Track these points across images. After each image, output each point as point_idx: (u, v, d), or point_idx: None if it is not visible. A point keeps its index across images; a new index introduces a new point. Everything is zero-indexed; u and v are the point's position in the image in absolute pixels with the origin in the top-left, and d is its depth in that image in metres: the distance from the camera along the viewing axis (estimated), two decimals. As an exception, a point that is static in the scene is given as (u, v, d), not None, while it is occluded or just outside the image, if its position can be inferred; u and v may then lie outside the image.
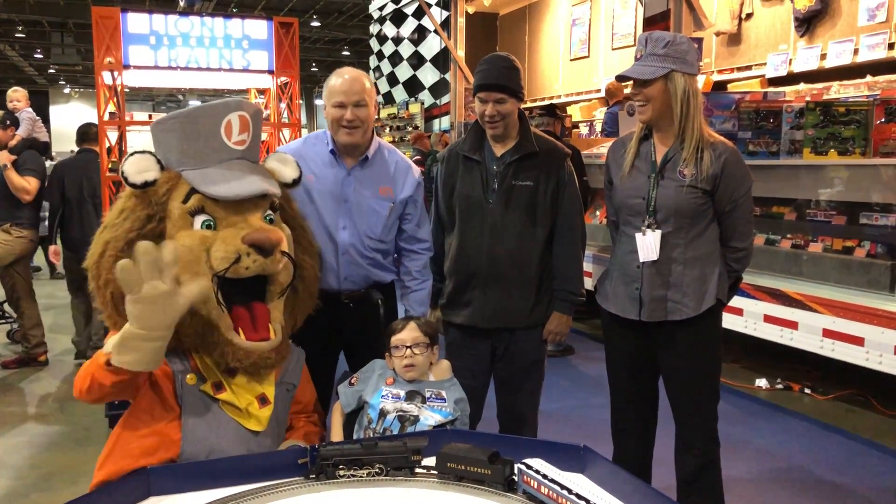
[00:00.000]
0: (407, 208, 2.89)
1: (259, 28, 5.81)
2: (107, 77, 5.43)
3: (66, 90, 34.67)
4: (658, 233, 2.60)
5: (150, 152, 2.06)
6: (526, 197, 2.83)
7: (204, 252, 1.96)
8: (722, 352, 2.75)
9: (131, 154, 2.03)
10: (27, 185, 5.46)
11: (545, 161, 2.85)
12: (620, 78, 2.62)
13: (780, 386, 5.10)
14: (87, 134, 5.89)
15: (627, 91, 3.34)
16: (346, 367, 2.96)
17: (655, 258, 2.61)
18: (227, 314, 1.99)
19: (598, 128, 8.46)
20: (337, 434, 2.34)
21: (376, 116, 3.01)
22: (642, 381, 2.79)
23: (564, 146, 2.96)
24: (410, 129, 11.47)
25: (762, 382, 5.11)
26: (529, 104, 10.30)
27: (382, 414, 2.23)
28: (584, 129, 8.74)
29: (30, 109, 7.15)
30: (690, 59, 2.53)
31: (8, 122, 5.92)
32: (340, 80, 2.72)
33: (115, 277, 1.84)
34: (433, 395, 2.29)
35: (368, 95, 2.74)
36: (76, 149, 5.98)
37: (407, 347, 2.33)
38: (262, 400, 2.06)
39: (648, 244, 2.61)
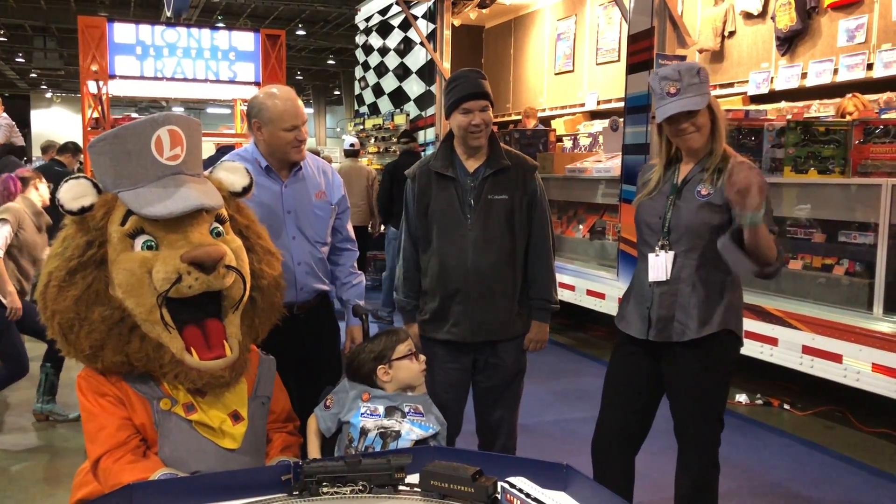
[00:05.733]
0: (339, 208, 3.01)
1: (246, 40, 5.82)
2: (92, 86, 5.41)
3: (48, 95, 34.37)
4: (671, 254, 2.59)
5: (85, 177, 2.01)
6: (503, 210, 2.87)
7: (146, 274, 1.91)
8: (729, 383, 2.71)
9: (66, 180, 1.97)
10: None
11: (517, 174, 2.90)
12: (672, 118, 2.53)
13: (759, 401, 5.14)
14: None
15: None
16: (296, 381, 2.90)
17: (665, 279, 2.59)
18: (179, 335, 1.95)
19: (582, 142, 8.50)
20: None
21: (361, 127, 3.08)
22: (639, 399, 2.76)
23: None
24: (395, 139, 11.48)
25: (742, 398, 5.15)
26: (514, 116, 10.35)
27: (363, 432, 2.23)
28: (567, 143, 8.77)
29: (5, 115, 7.10)
30: (708, 83, 2.57)
31: None
32: (285, 103, 2.76)
33: (62, 308, 1.86)
34: (412, 410, 2.30)
35: None
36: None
37: (414, 355, 2.39)
38: (235, 417, 2.05)
39: (659, 265, 2.60)
